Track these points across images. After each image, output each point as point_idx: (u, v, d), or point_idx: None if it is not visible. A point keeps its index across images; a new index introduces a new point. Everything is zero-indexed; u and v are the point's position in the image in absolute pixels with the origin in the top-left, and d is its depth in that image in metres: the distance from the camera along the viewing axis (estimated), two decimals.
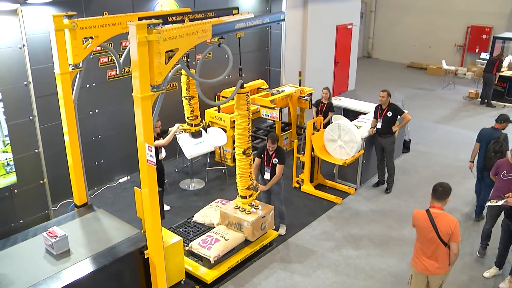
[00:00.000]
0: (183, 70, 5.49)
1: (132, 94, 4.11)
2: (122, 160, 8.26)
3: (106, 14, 5.16)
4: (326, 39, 12.87)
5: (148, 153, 4.26)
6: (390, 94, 7.91)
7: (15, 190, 5.76)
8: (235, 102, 5.63)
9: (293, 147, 8.81)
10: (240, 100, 5.58)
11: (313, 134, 7.87)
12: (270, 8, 10.76)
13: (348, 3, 13.40)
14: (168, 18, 5.23)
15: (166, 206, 7.34)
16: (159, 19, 4.26)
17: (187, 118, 6.70)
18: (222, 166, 8.84)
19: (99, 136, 7.89)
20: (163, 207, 6.67)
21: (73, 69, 5.14)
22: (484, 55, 15.41)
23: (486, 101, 13.31)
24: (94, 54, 7.33)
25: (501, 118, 7.03)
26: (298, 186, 8.19)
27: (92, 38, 5.11)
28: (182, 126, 6.91)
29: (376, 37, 19.71)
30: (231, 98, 5.54)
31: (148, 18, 4.71)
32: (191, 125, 6.75)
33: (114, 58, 5.59)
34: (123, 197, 7.84)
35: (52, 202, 6.30)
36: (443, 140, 10.64)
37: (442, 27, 17.49)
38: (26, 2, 6.03)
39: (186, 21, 4.48)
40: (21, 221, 5.91)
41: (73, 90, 5.27)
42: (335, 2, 12.65)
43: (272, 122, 10.07)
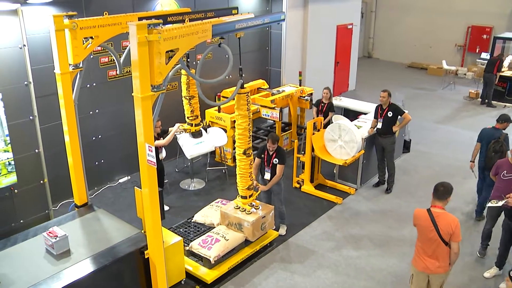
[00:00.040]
0: (183, 70, 5.49)
1: (132, 94, 4.11)
2: (122, 160, 8.26)
3: (106, 14, 5.16)
4: (327, 39, 12.86)
5: (148, 153, 4.26)
6: (390, 94, 7.91)
7: (16, 190, 5.77)
8: (236, 102, 5.63)
9: (293, 147, 8.81)
10: (240, 100, 5.57)
11: (313, 134, 7.87)
12: (270, 8, 10.76)
13: (348, 3, 13.39)
14: (168, 18, 5.24)
15: (166, 206, 7.33)
16: (159, 19, 4.26)
17: (187, 118, 6.71)
18: (222, 166, 8.84)
19: (100, 136, 7.89)
20: (163, 207, 6.67)
21: (73, 69, 5.14)
22: (484, 55, 15.41)
23: (486, 101, 13.30)
24: (94, 54, 7.33)
25: (502, 118, 7.06)
26: (298, 186, 8.19)
27: (92, 38, 5.11)
28: (182, 126, 6.91)
29: (376, 37, 19.70)
30: (232, 98, 5.54)
31: (148, 18, 4.72)
32: (191, 125, 6.75)
33: (114, 58, 5.58)
34: (124, 197, 7.84)
35: (52, 202, 6.30)
36: (444, 140, 10.63)
37: (443, 27, 17.48)
38: (27, 2, 6.03)
39: (187, 21, 4.48)
40: (21, 221, 5.92)
41: (73, 90, 5.27)
42: (336, 2, 12.65)
43: (272, 122, 10.07)
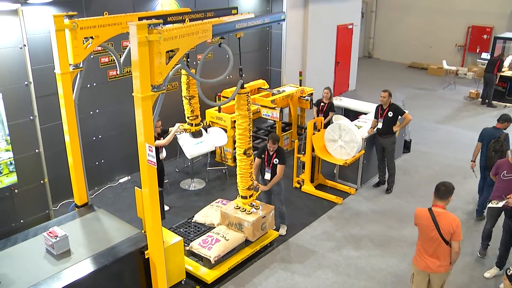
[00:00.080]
0: (183, 70, 5.49)
1: (132, 94, 4.11)
2: (122, 160, 8.26)
3: (106, 14, 5.16)
4: (327, 39, 12.86)
5: (148, 153, 4.26)
6: (391, 94, 7.90)
7: (16, 190, 5.77)
8: (236, 102, 5.62)
9: (293, 147, 8.80)
10: (240, 100, 5.57)
11: (313, 134, 7.87)
12: (270, 8, 10.76)
13: (348, 3, 13.39)
14: (167, 18, 5.24)
15: (166, 206, 7.33)
16: (159, 19, 4.26)
17: (188, 118, 6.71)
18: (222, 166, 8.83)
19: (100, 136, 7.89)
20: (164, 207, 6.67)
21: (73, 69, 5.14)
22: (485, 55, 15.40)
23: (487, 101, 13.30)
24: (94, 54, 7.33)
25: (502, 117, 7.08)
26: (298, 186, 8.19)
27: (92, 38, 5.11)
28: (183, 126, 6.91)
29: (376, 37, 19.69)
30: (232, 99, 5.54)
31: (148, 18, 4.72)
32: (192, 124, 6.75)
33: (115, 58, 5.59)
34: (124, 197, 7.84)
35: (52, 202, 6.30)
36: (444, 140, 10.62)
37: (443, 27, 17.47)
38: (27, 2, 6.03)
39: (187, 21, 4.48)
40: (21, 221, 5.92)
41: (73, 90, 5.27)
42: (336, 2, 12.64)
43: (272, 122, 10.07)
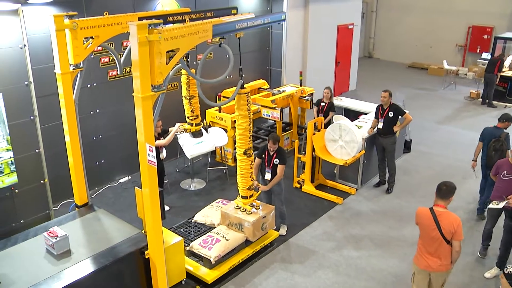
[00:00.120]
0: (184, 70, 5.49)
1: (133, 94, 4.11)
2: (123, 160, 8.26)
3: (106, 14, 5.16)
4: (327, 39, 12.85)
5: (148, 153, 4.26)
6: (391, 94, 7.90)
7: (16, 190, 5.77)
8: (236, 102, 5.62)
9: (294, 147, 8.80)
10: (240, 100, 5.56)
11: (314, 134, 7.86)
12: (271, 8, 10.75)
13: (349, 3, 13.39)
14: (167, 18, 5.24)
15: (166, 206, 7.33)
16: (159, 19, 4.26)
17: (188, 117, 6.71)
18: (223, 166, 8.83)
19: (100, 136, 7.89)
20: (164, 207, 6.67)
21: (73, 69, 5.15)
22: (485, 55, 15.39)
23: (487, 101, 13.29)
24: (95, 54, 7.33)
25: (503, 117, 7.12)
26: (299, 186, 8.18)
27: (92, 38, 5.11)
28: (183, 126, 6.91)
29: (377, 37, 19.69)
30: (232, 99, 5.53)
31: (148, 18, 4.72)
32: (192, 124, 6.75)
33: (115, 58, 5.59)
34: (124, 197, 7.84)
35: (52, 202, 6.31)
36: (444, 140, 10.62)
37: (443, 27, 17.47)
38: (27, 2, 6.03)
39: (187, 21, 4.48)
40: (21, 221, 5.92)
41: (74, 90, 5.28)
42: (336, 2, 12.64)
43: (273, 122, 10.07)
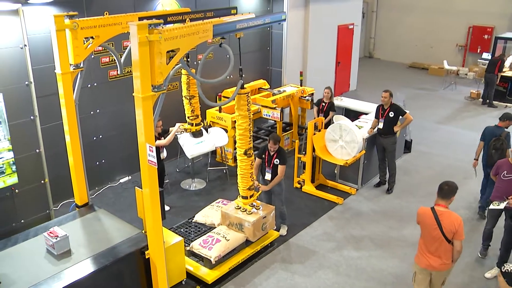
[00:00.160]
0: (184, 70, 5.49)
1: (133, 94, 4.11)
2: (123, 160, 8.26)
3: (107, 14, 5.16)
4: (328, 39, 12.85)
5: (149, 153, 4.26)
6: (392, 95, 7.90)
7: (16, 190, 5.77)
8: (236, 102, 5.61)
9: (294, 147, 8.80)
10: (240, 100, 5.56)
11: (314, 134, 7.86)
12: (271, 8, 10.75)
13: (349, 3, 13.38)
14: (167, 18, 5.24)
15: (166, 206, 7.33)
16: (160, 19, 4.26)
17: (188, 117, 6.71)
18: (223, 166, 8.83)
19: (100, 136, 7.89)
20: (164, 207, 6.68)
21: (74, 69, 5.15)
22: (486, 55, 15.38)
23: (487, 101, 13.28)
24: (95, 54, 7.33)
25: (504, 116, 7.16)
26: (299, 186, 8.18)
27: (93, 38, 5.11)
28: (183, 126, 6.91)
29: (377, 37, 19.68)
30: (232, 99, 5.53)
31: (148, 18, 4.72)
32: (192, 124, 6.76)
33: (115, 58, 5.58)
34: (124, 197, 7.84)
35: (53, 202, 6.31)
36: (445, 140, 10.61)
37: (444, 27, 17.46)
38: (27, 2, 6.03)
39: (187, 21, 4.47)
40: (22, 221, 5.92)
41: (74, 90, 5.28)
42: (337, 2, 12.63)
43: (273, 122, 10.07)
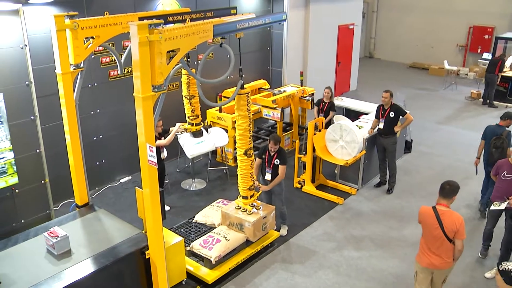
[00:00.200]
0: (184, 70, 5.48)
1: (133, 94, 4.11)
2: (123, 160, 8.26)
3: (107, 14, 5.16)
4: (328, 39, 12.85)
5: (149, 153, 4.25)
6: (392, 95, 7.90)
7: (17, 190, 5.77)
8: (236, 103, 5.61)
9: (294, 148, 8.80)
10: (240, 101, 5.56)
11: (314, 134, 7.86)
12: (271, 8, 10.75)
13: (350, 3, 13.38)
14: (167, 18, 5.23)
15: (167, 206, 7.32)
16: (160, 19, 4.25)
17: (188, 117, 6.71)
18: (223, 166, 8.83)
19: (101, 136, 7.89)
20: (164, 207, 6.68)
21: (74, 69, 5.15)
22: (486, 56, 15.39)
23: (488, 101, 13.28)
24: (95, 54, 7.33)
25: (505, 115, 7.20)
26: (299, 186, 8.18)
27: (93, 38, 5.11)
28: (183, 126, 6.91)
29: (378, 37, 19.68)
30: (232, 99, 5.53)
31: (148, 18, 4.71)
32: (192, 124, 6.75)
33: (116, 58, 5.58)
34: (124, 197, 7.84)
35: (53, 202, 6.31)
36: (445, 140, 10.61)
37: (444, 27, 17.46)
38: (28, 2, 6.03)
39: (188, 21, 4.47)
40: (22, 221, 5.92)
41: (74, 90, 5.28)
42: (337, 2, 12.63)
43: (273, 122, 10.07)
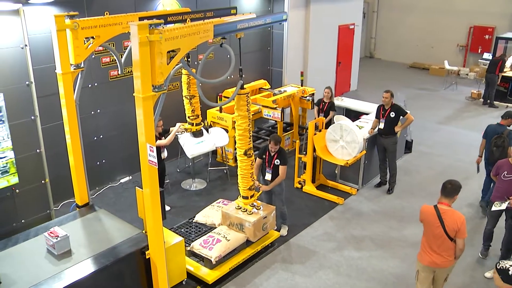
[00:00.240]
0: (184, 70, 5.48)
1: (133, 94, 4.11)
2: (123, 160, 8.26)
3: (107, 14, 5.16)
4: (328, 39, 12.84)
5: (149, 153, 4.25)
6: (393, 95, 7.90)
7: (17, 190, 5.77)
8: (235, 103, 5.61)
9: (295, 148, 8.79)
10: (240, 101, 5.56)
11: (315, 134, 7.86)
12: (272, 8, 10.75)
13: (350, 3, 13.38)
14: (167, 18, 5.23)
15: (167, 206, 7.32)
16: (160, 19, 4.25)
17: (188, 117, 6.71)
18: (223, 166, 8.83)
19: (101, 136, 7.89)
20: (165, 207, 6.68)
21: (74, 69, 5.15)
22: (486, 56, 15.38)
23: (488, 101, 13.27)
24: (96, 54, 7.34)
25: (506, 114, 7.23)
26: (300, 186, 8.18)
27: (93, 38, 5.11)
28: (184, 126, 6.91)
29: (378, 37, 19.67)
30: (232, 99, 5.53)
31: (148, 18, 4.71)
32: (192, 124, 6.75)
33: (116, 58, 5.59)
34: (125, 197, 7.84)
35: (53, 202, 6.31)
36: (445, 140, 10.60)
37: (445, 27, 17.45)
38: (28, 2, 6.03)
39: (188, 21, 4.47)
40: (22, 221, 5.92)
41: (74, 90, 5.28)
42: (337, 2, 12.63)
43: (274, 122, 10.06)
